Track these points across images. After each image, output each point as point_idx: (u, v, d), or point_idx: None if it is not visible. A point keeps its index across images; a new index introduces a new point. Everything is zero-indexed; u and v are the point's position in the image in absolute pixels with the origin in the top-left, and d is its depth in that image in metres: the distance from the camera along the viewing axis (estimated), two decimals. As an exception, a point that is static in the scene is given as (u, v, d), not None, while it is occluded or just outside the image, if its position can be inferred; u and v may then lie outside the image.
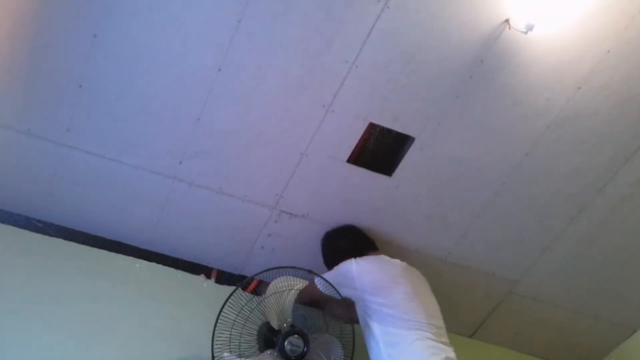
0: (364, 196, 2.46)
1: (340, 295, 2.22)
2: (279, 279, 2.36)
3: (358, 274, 2.15)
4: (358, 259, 2.22)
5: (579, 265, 2.75)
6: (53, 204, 2.38)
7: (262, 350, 2.28)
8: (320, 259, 2.52)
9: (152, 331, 2.35)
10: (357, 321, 2.28)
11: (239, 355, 2.23)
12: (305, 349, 2.24)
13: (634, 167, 2.43)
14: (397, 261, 2.26)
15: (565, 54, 2.14)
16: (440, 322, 2.09)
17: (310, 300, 2.36)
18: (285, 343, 2.23)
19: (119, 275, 2.44)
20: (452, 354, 1.96)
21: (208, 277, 2.62)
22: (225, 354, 2.21)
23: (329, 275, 2.26)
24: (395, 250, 2.59)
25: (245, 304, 2.31)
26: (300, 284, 2.36)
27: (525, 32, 2.00)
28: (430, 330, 1.99)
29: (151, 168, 2.30)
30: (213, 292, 2.54)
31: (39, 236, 2.40)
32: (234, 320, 2.26)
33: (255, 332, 2.32)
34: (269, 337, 2.31)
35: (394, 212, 2.51)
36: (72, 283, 2.33)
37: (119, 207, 2.41)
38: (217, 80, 2.11)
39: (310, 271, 2.38)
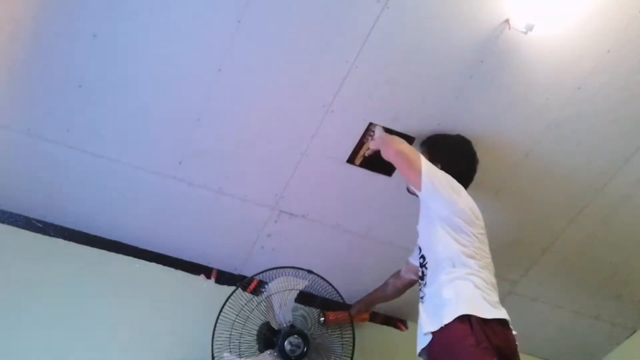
0: (363, 196, 2.46)
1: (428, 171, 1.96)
2: (279, 279, 2.36)
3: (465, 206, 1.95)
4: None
5: (579, 265, 2.74)
6: (53, 204, 2.37)
7: (262, 350, 2.29)
8: (320, 260, 2.52)
9: (152, 331, 2.36)
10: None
11: (239, 355, 2.23)
12: (305, 349, 2.24)
13: (633, 167, 2.43)
14: None
15: (565, 54, 2.13)
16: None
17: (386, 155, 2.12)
18: (285, 343, 2.23)
19: (119, 275, 2.44)
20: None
21: (208, 277, 2.62)
22: (225, 354, 2.22)
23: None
24: (395, 251, 2.58)
25: (245, 304, 2.31)
26: (300, 284, 2.36)
27: (525, 32, 2.00)
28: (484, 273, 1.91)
29: (151, 168, 2.30)
30: (213, 292, 2.53)
31: (39, 236, 2.40)
32: (234, 320, 2.27)
33: (255, 332, 2.32)
34: (269, 337, 2.31)
35: (394, 212, 2.51)
36: (72, 283, 2.34)
37: (119, 207, 2.41)
38: (217, 80, 2.11)
39: (310, 271, 2.38)
